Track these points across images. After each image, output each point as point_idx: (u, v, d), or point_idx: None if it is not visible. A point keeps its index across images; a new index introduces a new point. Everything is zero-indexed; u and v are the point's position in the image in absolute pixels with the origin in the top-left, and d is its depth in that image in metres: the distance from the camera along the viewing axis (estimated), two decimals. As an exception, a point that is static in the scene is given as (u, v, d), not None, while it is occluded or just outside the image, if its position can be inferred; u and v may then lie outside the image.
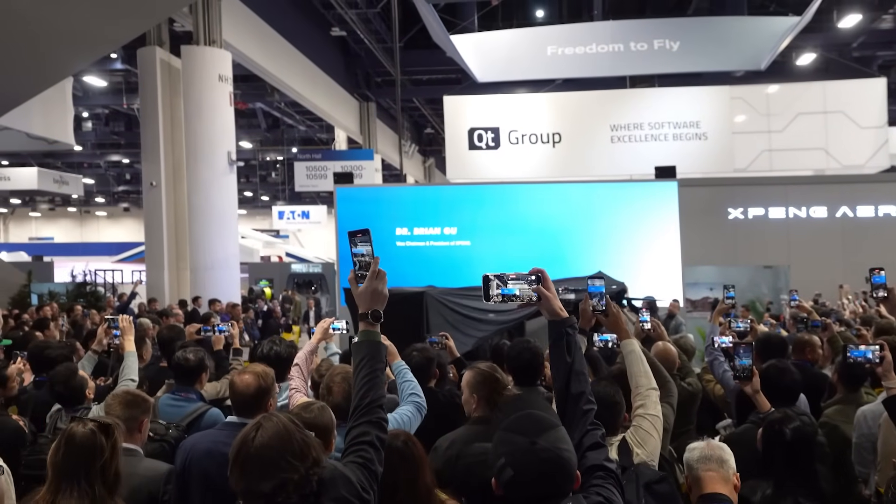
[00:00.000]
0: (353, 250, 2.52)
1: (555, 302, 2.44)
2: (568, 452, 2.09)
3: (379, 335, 2.53)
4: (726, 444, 3.21)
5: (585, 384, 2.43)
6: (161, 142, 17.68)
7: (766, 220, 15.75)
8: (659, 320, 5.66)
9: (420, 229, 14.53)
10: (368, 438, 2.38)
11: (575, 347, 2.46)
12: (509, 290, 2.42)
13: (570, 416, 2.39)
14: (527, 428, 2.10)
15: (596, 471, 2.27)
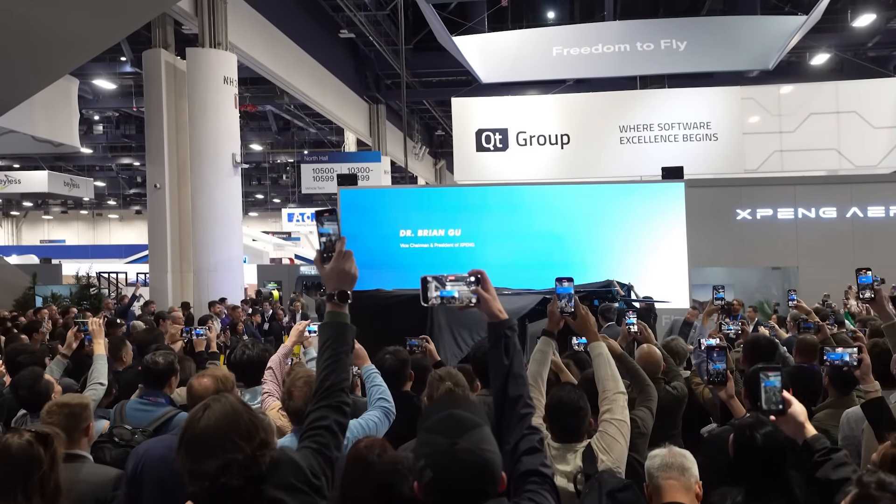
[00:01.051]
0: (319, 230, 2.45)
1: (493, 304, 2.37)
2: (491, 453, 1.98)
3: (346, 316, 2.44)
4: (689, 451, 3.05)
5: (523, 387, 2.32)
6: (165, 144, 17.64)
7: (775, 221, 15.52)
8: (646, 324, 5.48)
9: (424, 231, 14.45)
10: (326, 423, 2.30)
11: (513, 350, 2.35)
12: (448, 292, 2.35)
13: (508, 419, 2.28)
14: (447, 428, 1.99)
15: (530, 476, 2.16)
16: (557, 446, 3.47)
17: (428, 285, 2.35)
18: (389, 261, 14.11)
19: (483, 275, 2.37)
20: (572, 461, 3.42)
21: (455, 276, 2.36)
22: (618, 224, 13.82)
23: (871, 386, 3.75)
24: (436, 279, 2.36)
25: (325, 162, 23.03)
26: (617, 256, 13.38)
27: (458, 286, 2.35)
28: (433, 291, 2.35)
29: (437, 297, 2.35)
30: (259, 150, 35.29)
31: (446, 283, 2.35)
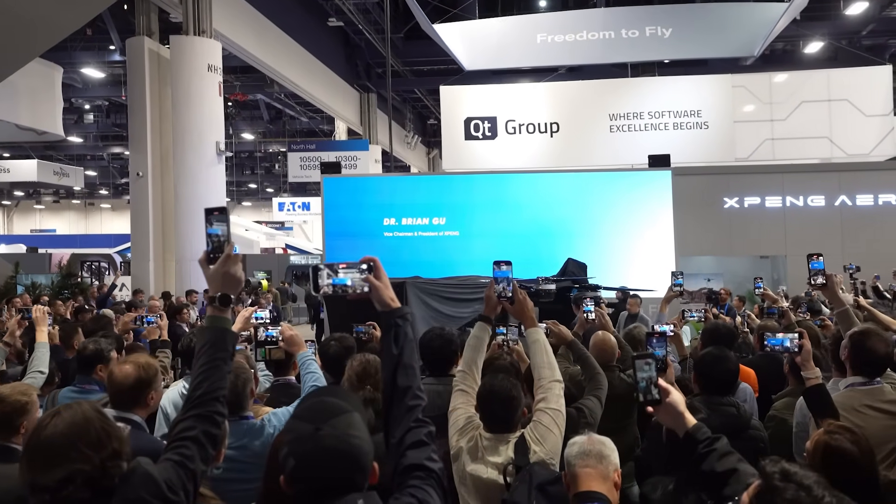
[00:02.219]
0: (207, 230, 2.36)
1: (385, 292, 2.27)
2: (359, 440, 1.86)
3: (227, 322, 2.32)
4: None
5: (413, 378, 2.19)
6: (149, 132, 17.50)
7: (763, 210, 15.34)
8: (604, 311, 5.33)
9: (408, 219, 14.33)
10: (192, 434, 2.15)
11: (404, 339, 2.23)
12: (341, 279, 2.28)
13: (395, 411, 2.15)
14: (313, 415, 1.88)
15: (414, 470, 2.04)
16: (489, 437, 3.31)
17: (320, 273, 2.29)
18: (373, 249, 13.98)
19: (376, 262, 2.29)
20: (504, 452, 3.26)
21: (347, 263, 2.28)
22: (604, 212, 13.71)
23: (812, 373, 3.64)
24: (328, 267, 2.30)
25: (312, 150, 22.83)
26: (604, 245, 13.27)
27: (350, 274, 2.28)
28: (325, 279, 2.28)
29: (329, 286, 2.28)
30: (251, 139, 35.11)
31: (339, 271, 2.28)
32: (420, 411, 2.15)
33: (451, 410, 3.50)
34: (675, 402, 2.49)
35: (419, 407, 2.15)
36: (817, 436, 3.04)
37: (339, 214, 14.49)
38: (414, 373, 2.20)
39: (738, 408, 3.85)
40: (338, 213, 14.52)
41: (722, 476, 2.31)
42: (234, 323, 5.05)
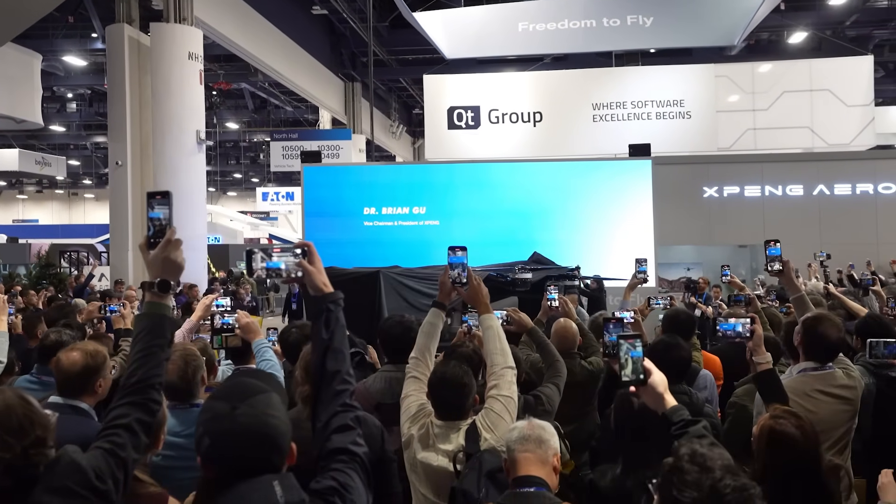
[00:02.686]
0: (149, 214, 2.32)
1: (318, 277, 2.24)
2: (276, 420, 1.86)
3: (167, 308, 2.29)
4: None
5: (342, 363, 2.16)
6: (128, 121, 17.32)
7: (742, 199, 15.37)
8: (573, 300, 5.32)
9: (388, 209, 14.30)
10: (125, 421, 2.13)
11: (335, 324, 2.19)
12: (274, 263, 2.25)
13: (323, 395, 2.12)
14: (231, 394, 1.87)
15: (339, 454, 2.03)
16: (440, 424, 3.31)
17: (254, 257, 2.27)
18: (353, 239, 13.99)
19: (310, 247, 2.27)
20: (455, 440, 3.25)
21: (281, 247, 2.27)
22: (584, 201, 13.72)
23: (762, 358, 3.66)
24: (262, 251, 2.27)
25: (294, 139, 22.72)
26: (583, 234, 13.28)
27: (284, 258, 2.25)
28: (259, 263, 2.26)
29: (262, 269, 2.26)
30: (235, 128, 34.90)
31: (273, 255, 2.25)
32: (348, 396, 2.13)
33: (404, 398, 3.49)
34: (656, 383, 2.53)
35: (347, 392, 2.13)
36: (763, 420, 3.06)
37: (319, 203, 14.46)
38: (343, 357, 2.17)
39: (690, 395, 3.86)
40: (318, 203, 14.48)
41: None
42: (195, 311, 5.05)
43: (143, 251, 2.32)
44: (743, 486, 1.82)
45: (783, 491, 2.91)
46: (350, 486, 1.96)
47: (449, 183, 14.40)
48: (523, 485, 2.68)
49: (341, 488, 1.94)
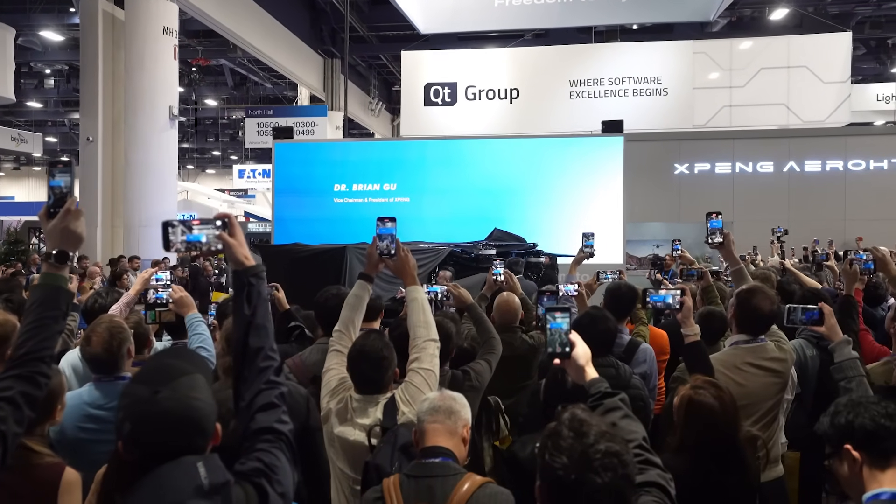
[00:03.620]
0: (50, 182, 2.26)
1: (239, 250, 2.18)
2: (200, 402, 1.80)
3: (63, 280, 2.21)
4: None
5: (265, 339, 2.11)
6: (100, 96, 17.14)
7: (712, 175, 15.39)
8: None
9: (359, 185, 14.23)
10: (9, 394, 2.06)
11: (258, 298, 2.14)
12: (195, 236, 2.18)
13: (246, 372, 2.08)
14: (153, 377, 1.82)
15: (263, 434, 1.98)
16: (359, 398, 3.26)
17: (173, 229, 2.17)
18: (323, 215, 13.92)
19: (231, 219, 2.20)
20: (373, 414, 3.21)
21: (201, 219, 2.19)
22: (556, 178, 13.65)
23: (690, 330, 3.68)
24: (182, 223, 2.18)
25: (269, 116, 22.52)
26: (553, 211, 13.24)
27: (205, 230, 2.18)
28: (179, 236, 2.17)
29: (182, 243, 2.17)
30: (214, 105, 34.54)
31: (193, 228, 2.17)
32: (273, 372, 2.08)
33: (325, 371, 3.45)
34: (578, 355, 2.51)
35: (271, 368, 2.08)
36: (683, 391, 3.06)
37: (289, 180, 14.38)
38: (266, 333, 2.12)
39: (616, 367, 3.84)
40: (288, 179, 14.41)
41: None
42: (134, 284, 4.99)
43: (42, 221, 2.25)
44: (615, 452, 1.80)
45: (699, 460, 2.92)
46: (276, 467, 1.92)
47: (421, 160, 14.33)
48: (429, 455, 2.64)
49: (267, 469, 1.90)
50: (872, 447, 2.23)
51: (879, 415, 2.25)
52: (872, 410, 2.27)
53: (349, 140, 21.56)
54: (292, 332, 4.83)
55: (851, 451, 2.24)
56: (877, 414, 2.26)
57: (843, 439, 2.29)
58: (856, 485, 2.24)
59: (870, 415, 2.26)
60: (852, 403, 2.34)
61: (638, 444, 2.21)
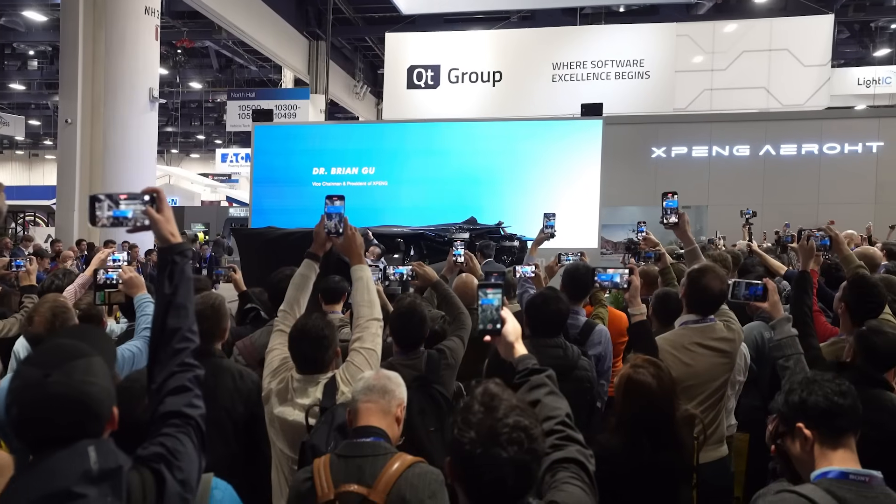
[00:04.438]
0: None
1: (165, 226, 2.14)
2: (94, 386, 1.77)
3: None
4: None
5: (184, 320, 2.07)
6: (80, 77, 16.96)
7: (689, 159, 15.37)
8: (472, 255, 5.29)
9: (337, 169, 14.16)
10: None
11: (180, 277, 2.10)
12: (121, 212, 2.13)
13: (161, 354, 2.04)
14: (46, 359, 1.79)
15: (171, 418, 1.95)
16: (300, 378, 3.25)
17: (99, 204, 2.12)
18: (300, 199, 13.84)
19: (159, 194, 2.16)
20: (313, 394, 3.20)
21: (129, 194, 2.14)
22: (534, 162, 13.60)
23: (637, 309, 3.75)
24: (109, 197, 2.13)
25: (252, 99, 22.38)
26: (530, 195, 13.18)
27: (132, 205, 2.13)
28: (105, 211, 2.12)
29: (108, 218, 2.12)
30: (198, 88, 34.27)
31: (120, 203, 2.12)
32: (188, 354, 2.05)
33: (268, 351, 3.43)
34: (507, 332, 2.47)
35: (187, 350, 2.05)
36: (623, 369, 3.06)
37: (268, 163, 14.31)
38: (186, 314, 2.08)
39: (564, 348, 3.84)
40: (267, 162, 14.33)
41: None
42: (89, 266, 4.96)
43: None
44: (523, 427, 1.78)
45: (635, 438, 2.92)
46: (179, 452, 1.88)
47: (400, 143, 14.26)
48: (361, 435, 2.63)
49: (169, 454, 1.86)
50: (825, 425, 2.24)
51: (833, 392, 2.26)
52: (826, 388, 2.27)
53: (328, 123, 21.42)
54: (248, 313, 4.82)
55: (803, 430, 2.25)
56: (830, 391, 2.26)
57: (797, 417, 2.29)
58: (806, 463, 2.25)
59: (823, 392, 2.26)
60: (807, 381, 2.34)
61: (560, 420, 2.20)
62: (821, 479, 2.17)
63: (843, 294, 3.99)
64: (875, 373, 3.34)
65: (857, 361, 3.40)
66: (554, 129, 14.34)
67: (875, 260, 5.71)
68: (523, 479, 1.77)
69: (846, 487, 2.13)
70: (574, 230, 12.18)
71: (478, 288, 2.52)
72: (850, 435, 2.25)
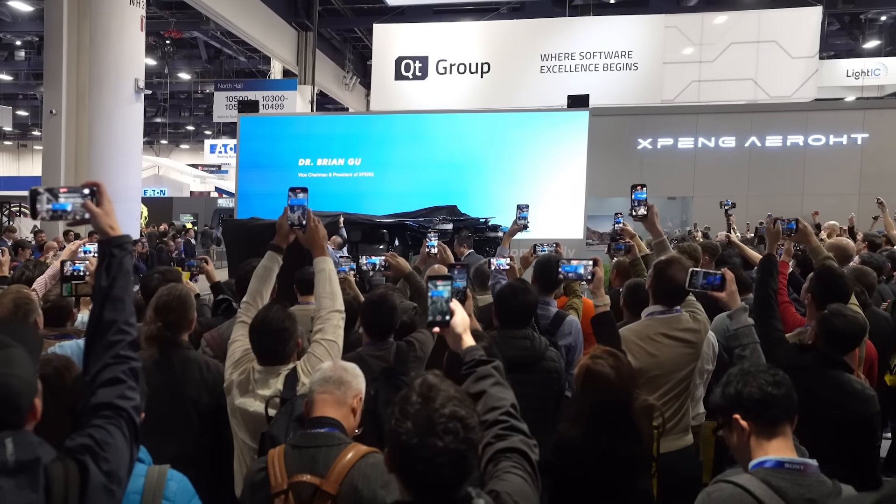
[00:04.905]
0: None
1: (104, 219, 2.14)
2: (14, 378, 1.75)
3: None
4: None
5: (120, 312, 2.06)
6: (64, 67, 16.82)
7: (675, 151, 15.38)
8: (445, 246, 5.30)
9: (323, 160, 14.14)
10: None
11: (118, 270, 2.09)
12: (61, 205, 2.12)
13: (96, 346, 2.03)
14: None
15: (102, 409, 1.93)
16: (261, 369, 3.26)
17: (39, 197, 2.10)
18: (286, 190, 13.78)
19: (99, 187, 2.15)
20: (274, 385, 3.20)
21: (69, 187, 2.13)
22: (521, 153, 13.61)
23: (601, 301, 3.73)
24: (48, 191, 2.11)
25: (239, 90, 22.28)
26: (516, 186, 13.18)
27: (72, 198, 2.12)
28: (45, 204, 2.10)
29: (48, 211, 2.10)
30: (187, 79, 34.12)
31: (59, 196, 2.11)
32: (125, 347, 2.03)
33: (231, 342, 3.44)
34: (455, 324, 2.48)
35: (122, 342, 2.03)
36: (582, 360, 3.07)
37: (254, 154, 14.29)
38: (123, 306, 2.07)
39: (531, 339, 3.84)
40: (253, 154, 14.31)
41: (473, 397, 2.28)
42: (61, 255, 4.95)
43: None
44: (459, 417, 1.79)
45: (594, 428, 2.93)
46: (106, 444, 1.86)
47: (386, 134, 14.25)
48: (315, 426, 2.63)
49: (96, 445, 1.84)
50: (760, 416, 2.27)
51: (767, 383, 2.29)
52: (760, 379, 2.30)
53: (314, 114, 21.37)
54: (220, 305, 4.81)
55: (740, 421, 2.28)
56: (764, 382, 2.29)
57: (733, 409, 2.32)
58: (744, 453, 2.28)
59: (758, 384, 2.29)
60: (742, 373, 2.37)
61: (505, 410, 2.21)
62: (757, 468, 2.20)
63: (810, 284, 4.02)
64: (835, 354, 3.39)
65: (818, 344, 3.45)
66: (541, 120, 14.35)
67: (848, 252, 5.74)
68: (459, 468, 1.78)
69: (781, 476, 2.15)
70: (560, 221, 12.24)
71: (427, 280, 2.52)
72: (786, 424, 2.28)
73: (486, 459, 2.07)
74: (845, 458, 3.17)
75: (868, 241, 8.01)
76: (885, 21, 24.39)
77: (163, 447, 2.79)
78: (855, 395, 3.36)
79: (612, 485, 2.94)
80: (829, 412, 3.29)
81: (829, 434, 3.20)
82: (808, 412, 3.24)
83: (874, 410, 3.35)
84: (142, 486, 2.23)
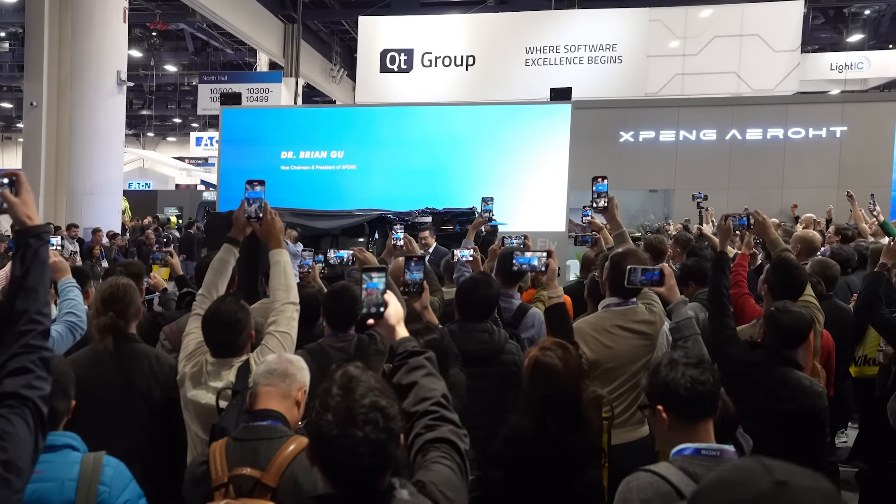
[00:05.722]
0: None
1: (22, 209, 2.13)
2: None
3: None
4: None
5: (33, 302, 2.05)
6: (45, 59, 16.73)
7: (656, 143, 15.40)
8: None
9: (306, 153, 14.10)
10: None
11: (32, 260, 2.08)
12: None
13: (7, 337, 2.02)
14: None
15: (6, 399, 1.92)
16: (213, 361, 3.26)
17: None
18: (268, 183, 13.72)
19: (19, 177, 2.15)
20: (227, 377, 3.20)
21: None
22: (503, 145, 13.60)
23: (554, 292, 3.78)
24: None
25: (223, 82, 22.20)
26: (498, 179, 13.18)
27: None
28: None
29: None
30: (174, 71, 33.95)
31: None
32: (36, 336, 2.02)
33: (185, 335, 3.44)
34: (388, 315, 2.47)
35: (33, 332, 2.02)
36: (531, 352, 3.09)
37: (237, 147, 14.24)
38: (36, 296, 2.06)
39: (490, 333, 3.86)
40: (236, 146, 14.26)
41: (405, 388, 2.29)
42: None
43: None
44: (380, 407, 1.80)
45: (541, 420, 2.95)
46: (6, 433, 1.86)
47: (370, 127, 14.21)
48: (258, 418, 2.64)
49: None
50: (682, 411, 2.31)
51: (691, 379, 2.31)
52: (687, 374, 2.32)
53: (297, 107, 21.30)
54: (184, 298, 4.81)
55: (662, 413, 2.32)
56: (690, 378, 2.31)
57: (656, 399, 2.36)
58: (667, 440, 2.33)
59: (684, 379, 2.31)
60: (670, 364, 2.39)
61: (436, 401, 2.21)
62: (676, 456, 2.24)
63: (766, 276, 4.07)
64: (783, 350, 3.44)
65: (766, 340, 3.50)
66: (524, 113, 14.35)
67: (814, 244, 5.78)
68: (379, 458, 1.79)
69: (697, 462, 2.19)
70: (543, 213, 12.25)
71: (362, 272, 2.53)
72: (707, 419, 2.31)
73: (415, 450, 2.08)
74: (794, 451, 3.21)
75: (841, 233, 8.07)
76: (868, 15, 24.46)
77: (112, 441, 2.78)
78: (804, 390, 3.43)
79: (563, 476, 2.96)
80: (778, 407, 3.35)
81: (778, 428, 3.26)
82: (759, 407, 3.32)
83: (822, 406, 3.43)
84: (77, 473, 2.24)
